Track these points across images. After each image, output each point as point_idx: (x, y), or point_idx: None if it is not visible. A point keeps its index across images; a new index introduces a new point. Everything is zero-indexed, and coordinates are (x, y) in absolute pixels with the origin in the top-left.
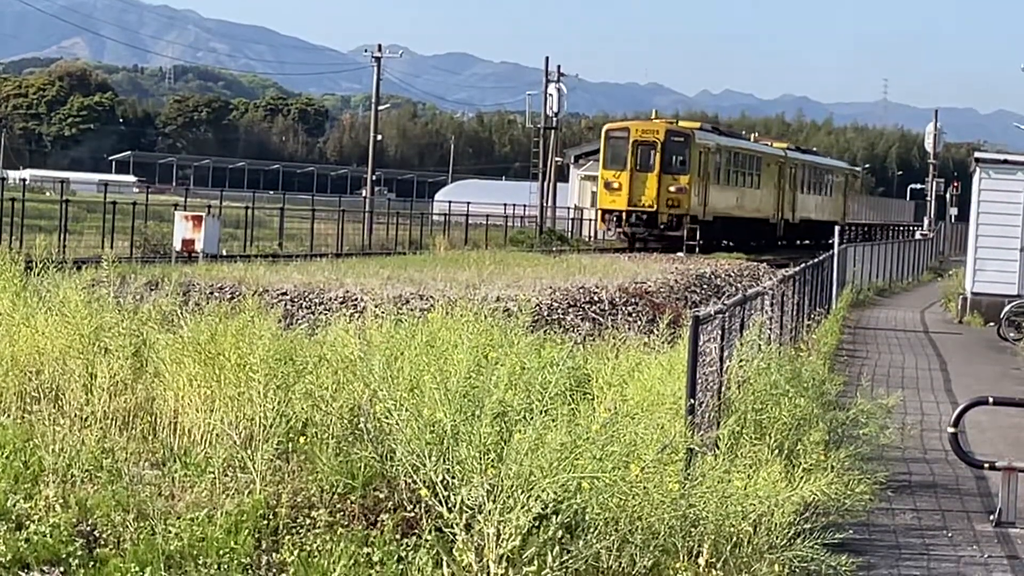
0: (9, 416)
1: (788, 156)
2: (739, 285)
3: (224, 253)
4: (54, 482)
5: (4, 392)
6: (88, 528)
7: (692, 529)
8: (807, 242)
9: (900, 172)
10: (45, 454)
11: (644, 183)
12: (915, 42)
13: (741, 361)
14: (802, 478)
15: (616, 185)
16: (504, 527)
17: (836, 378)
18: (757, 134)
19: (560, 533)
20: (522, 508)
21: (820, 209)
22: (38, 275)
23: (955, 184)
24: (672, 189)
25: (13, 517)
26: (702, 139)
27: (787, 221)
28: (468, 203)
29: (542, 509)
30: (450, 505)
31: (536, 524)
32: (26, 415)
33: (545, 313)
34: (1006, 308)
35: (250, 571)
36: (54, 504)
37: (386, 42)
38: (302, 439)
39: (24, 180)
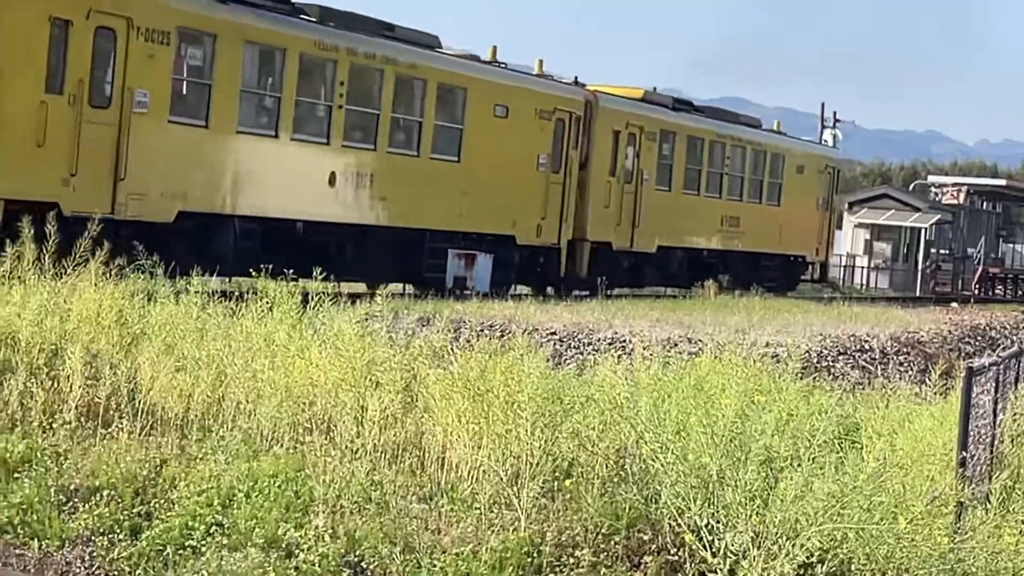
0: (282, 446)
1: (607, 106)
2: (1015, 337)
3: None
4: (324, 512)
5: (278, 422)
6: (355, 559)
7: None
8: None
9: None
10: (316, 484)
11: None
12: None
13: (1016, 414)
14: None
15: None
16: (768, 574)
17: None
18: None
19: None
20: (787, 556)
21: (736, 230)
22: (314, 308)
23: None
24: None
25: (283, 545)
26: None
27: (617, 249)
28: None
29: (807, 557)
30: (714, 550)
31: (801, 573)
32: (299, 445)
33: (814, 360)
34: None
35: None
36: (323, 534)
37: (664, 86)
38: (567, 482)
39: None
